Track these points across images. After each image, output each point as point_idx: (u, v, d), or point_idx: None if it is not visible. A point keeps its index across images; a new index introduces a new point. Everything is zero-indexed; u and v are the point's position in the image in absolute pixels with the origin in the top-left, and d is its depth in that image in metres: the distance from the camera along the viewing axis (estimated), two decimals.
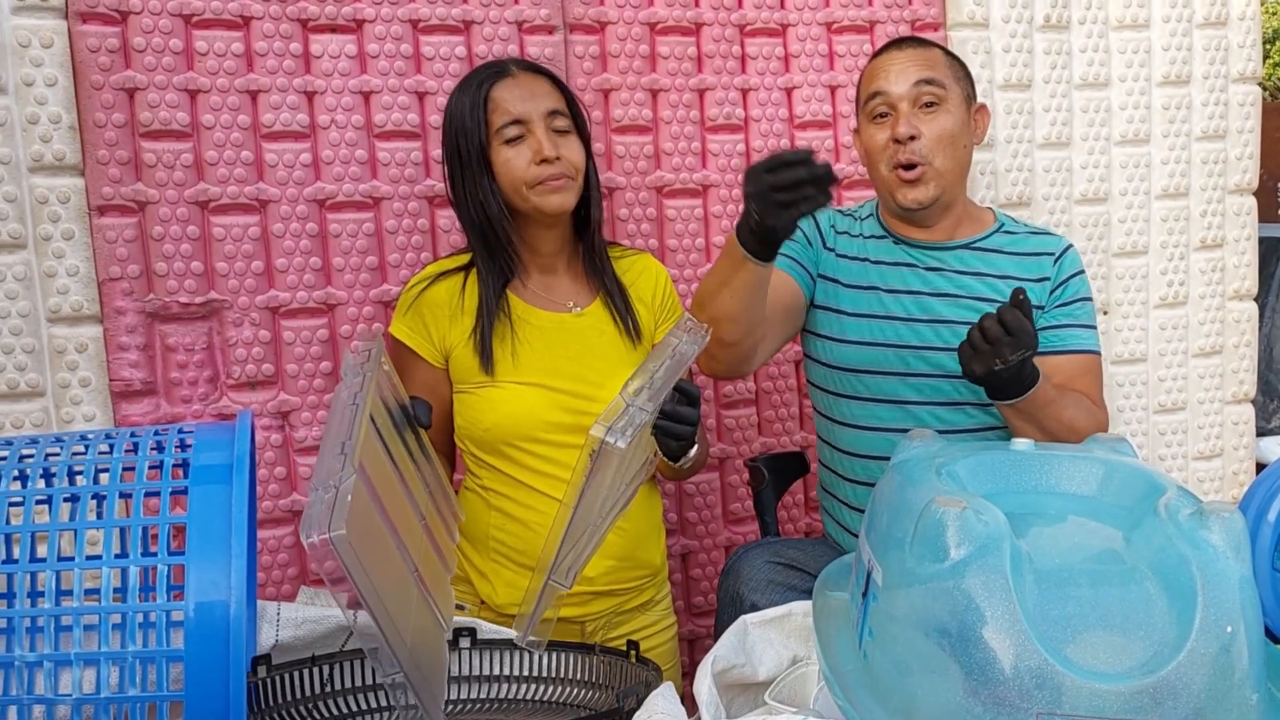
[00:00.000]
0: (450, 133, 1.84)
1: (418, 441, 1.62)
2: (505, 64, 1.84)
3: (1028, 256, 1.97)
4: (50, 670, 1.19)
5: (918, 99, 1.88)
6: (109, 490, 1.24)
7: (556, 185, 1.80)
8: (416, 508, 1.50)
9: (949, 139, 1.89)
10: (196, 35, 1.96)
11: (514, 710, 1.59)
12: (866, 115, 1.93)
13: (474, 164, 1.80)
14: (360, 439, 1.26)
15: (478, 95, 1.80)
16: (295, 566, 2.09)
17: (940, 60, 1.93)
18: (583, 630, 1.86)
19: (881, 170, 1.92)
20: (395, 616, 1.23)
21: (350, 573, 1.13)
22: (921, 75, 1.89)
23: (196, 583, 1.17)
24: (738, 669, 1.44)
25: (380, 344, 1.48)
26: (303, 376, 2.07)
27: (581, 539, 1.44)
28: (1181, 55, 2.60)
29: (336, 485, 1.15)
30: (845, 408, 1.97)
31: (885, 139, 1.90)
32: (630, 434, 1.35)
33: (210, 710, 1.17)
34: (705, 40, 2.31)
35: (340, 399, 1.36)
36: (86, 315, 1.93)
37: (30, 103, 1.87)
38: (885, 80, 1.90)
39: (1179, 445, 2.70)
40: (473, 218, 1.84)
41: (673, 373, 1.53)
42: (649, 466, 1.71)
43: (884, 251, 1.99)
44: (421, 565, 1.43)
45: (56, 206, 1.89)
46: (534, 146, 1.78)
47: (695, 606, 2.39)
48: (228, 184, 2.00)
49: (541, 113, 1.80)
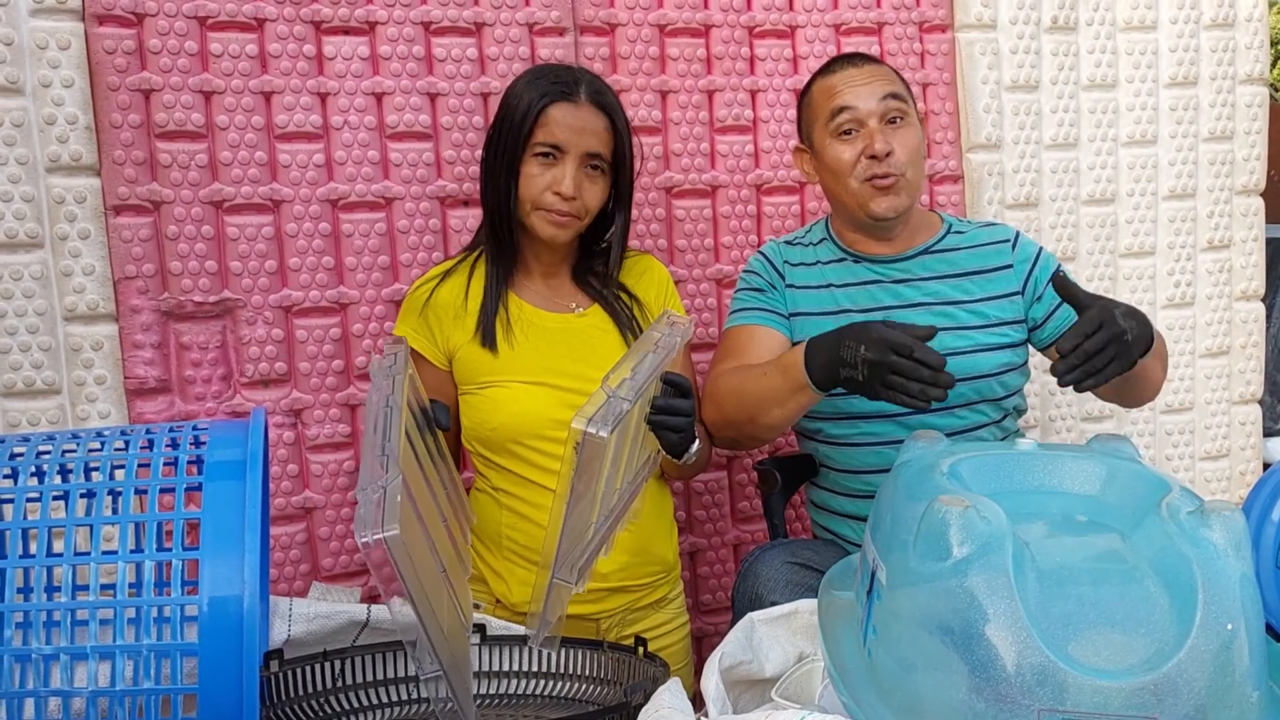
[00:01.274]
0: (499, 119, 1.86)
1: (435, 443, 1.64)
2: (577, 84, 1.83)
3: (984, 248, 2.00)
4: (66, 663, 1.20)
5: (885, 114, 1.89)
6: (125, 486, 1.26)
7: (559, 220, 1.83)
8: (439, 509, 1.52)
9: (916, 152, 1.92)
10: (211, 37, 1.98)
11: (523, 705, 1.61)
12: (830, 132, 1.92)
13: (506, 160, 1.83)
14: (401, 442, 1.30)
15: (536, 103, 1.80)
16: (308, 563, 2.11)
17: (895, 76, 1.95)
18: (598, 627, 1.87)
19: (852, 184, 1.91)
20: (434, 615, 1.26)
21: (401, 572, 1.17)
22: (887, 90, 1.90)
23: (211, 578, 1.19)
24: (744, 666, 1.46)
25: (406, 347, 1.51)
26: (315, 375, 2.09)
27: (586, 535, 1.45)
28: (1189, 56, 2.61)
29: (384, 486, 1.20)
30: (834, 428, 1.97)
31: (855, 154, 1.90)
32: (611, 423, 1.35)
33: (223, 704, 1.19)
34: (714, 42, 2.32)
35: (373, 402, 1.38)
36: (102, 314, 1.95)
37: (47, 104, 1.89)
38: (852, 96, 1.90)
39: (1186, 445, 2.70)
40: (489, 203, 1.88)
41: (656, 365, 1.54)
42: (652, 464, 1.72)
43: (846, 273, 1.99)
44: (447, 565, 1.45)
45: (73, 206, 1.91)
46: (557, 177, 1.81)
47: (704, 605, 2.40)
48: (242, 184, 2.02)
49: (581, 151, 1.82)
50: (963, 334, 1.93)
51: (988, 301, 1.96)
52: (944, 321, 1.90)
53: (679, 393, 1.67)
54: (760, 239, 2.36)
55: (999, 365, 1.93)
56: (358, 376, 2.12)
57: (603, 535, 1.49)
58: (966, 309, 1.95)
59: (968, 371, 1.89)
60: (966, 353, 1.91)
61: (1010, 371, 1.95)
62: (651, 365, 1.53)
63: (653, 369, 1.53)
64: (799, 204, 2.40)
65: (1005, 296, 1.97)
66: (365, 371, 2.12)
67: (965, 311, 1.95)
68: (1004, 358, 1.94)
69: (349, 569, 2.14)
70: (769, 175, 2.37)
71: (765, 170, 2.37)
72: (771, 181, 2.38)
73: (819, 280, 2.00)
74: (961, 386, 1.86)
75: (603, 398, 1.40)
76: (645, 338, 1.60)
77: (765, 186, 2.38)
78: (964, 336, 1.93)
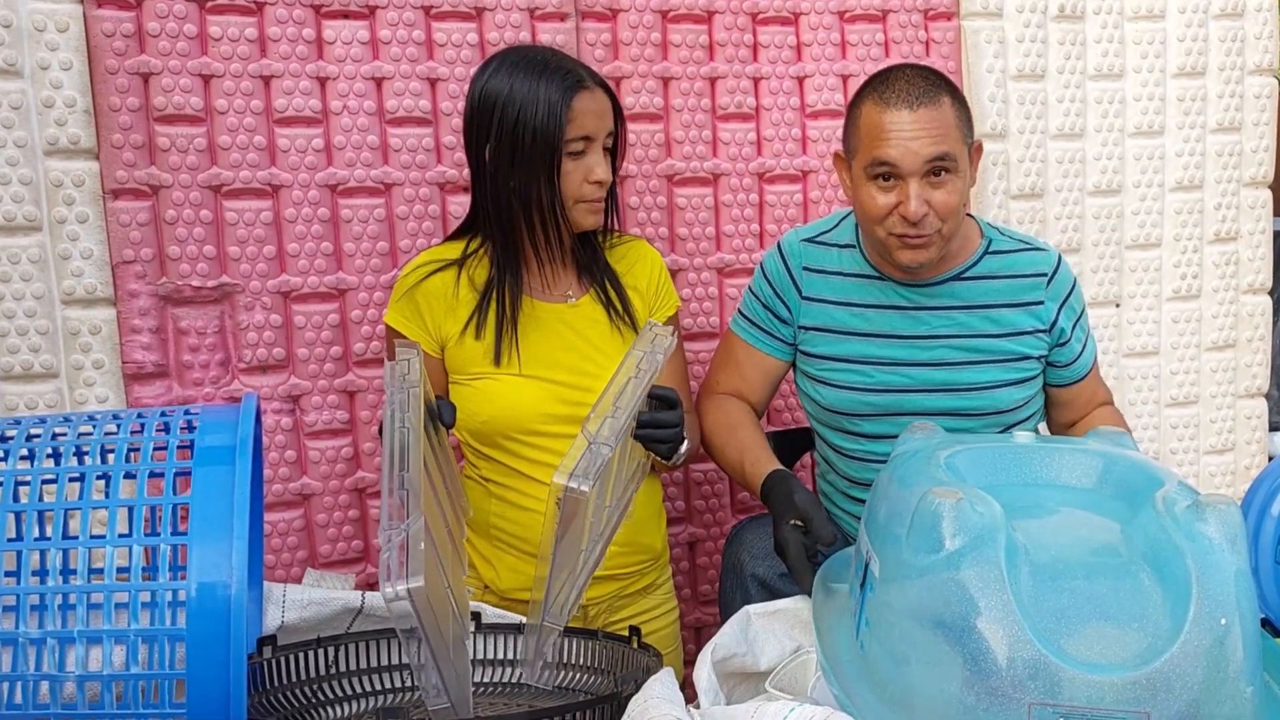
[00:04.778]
0: (509, 119, 1.78)
1: (438, 439, 1.64)
2: (580, 72, 1.81)
3: (1019, 279, 1.89)
4: (55, 647, 1.20)
5: (928, 172, 1.75)
6: (114, 470, 1.26)
7: (597, 207, 1.84)
8: (441, 508, 1.52)
9: (956, 210, 1.79)
10: (210, 20, 1.98)
11: (517, 694, 1.61)
12: (867, 174, 1.78)
13: (538, 162, 1.78)
14: (419, 471, 1.30)
15: (560, 100, 1.77)
16: (304, 550, 2.11)
17: (951, 124, 1.77)
18: (585, 614, 1.87)
19: (879, 232, 1.80)
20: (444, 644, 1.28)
21: (421, 620, 1.19)
22: (935, 151, 1.74)
23: (199, 563, 1.19)
24: (739, 658, 1.45)
25: (419, 354, 1.50)
26: (313, 361, 2.08)
27: (578, 564, 1.45)
28: (1197, 47, 2.59)
29: (407, 530, 1.21)
30: (838, 440, 1.95)
31: (889, 205, 1.77)
32: (594, 477, 1.33)
33: (212, 689, 1.19)
34: (717, 28, 2.30)
35: (389, 417, 1.38)
36: (100, 298, 1.94)
37: (46, 86, 1.88)
38: (897, 151, 1.74)
39: (1190, 439, 2.69)
40: (511, 208, 1.82)
41: (639, 392, 1.53)
42: (643, 470, 1.73)
43: (869, 294, 1.90)
44: (448, 566, 1.45)
45: (71, 190, 1.91)
46: (589, 166, 1.80)
47: (702, 595, 2.40)
48: (240, 169, 2.01)
49: (604, 134, 1.82)
50: (983, 369, 1.86)
51: (1015, 337, 1.88)
52: (964, 356, 1.86)
53: (665, 405, 1.68)
54: (762, 227, 2.35)
55: (1015, 401, 1.88)
56: (356, 363, 2.11)
57: (595, 559, 1.49)
58: (991, 341, 1.87)
59: (986, 408, 1.86)
60: (986, 389, 1.86)
61: (1025, 405, 1.91)
62: (634, 393, 1.52)
63: (635, 398, 1.51)
64: (801, 192, 2.39)
65: (1032, 333, 1.89)
66: (364, 358, 2.11)
67: (990, 345, 1.87)
68: (1022, 394, 1.89)
69: (346, 556, 2.14)
70: (771, 163, 2.36)
71: (768, 158, 2.36)
72: (774, 170, 2.36)
73: (838, 296, 1.92)
74: (977, 422, 1.86)
75: (584, 445, 1.37)
76: (628, 360, 1.58)
77: (767, 175, 2.36)
78: (984, 372, 1.86)
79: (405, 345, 1.51)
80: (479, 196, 1.87)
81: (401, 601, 1.17)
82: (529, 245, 1.85)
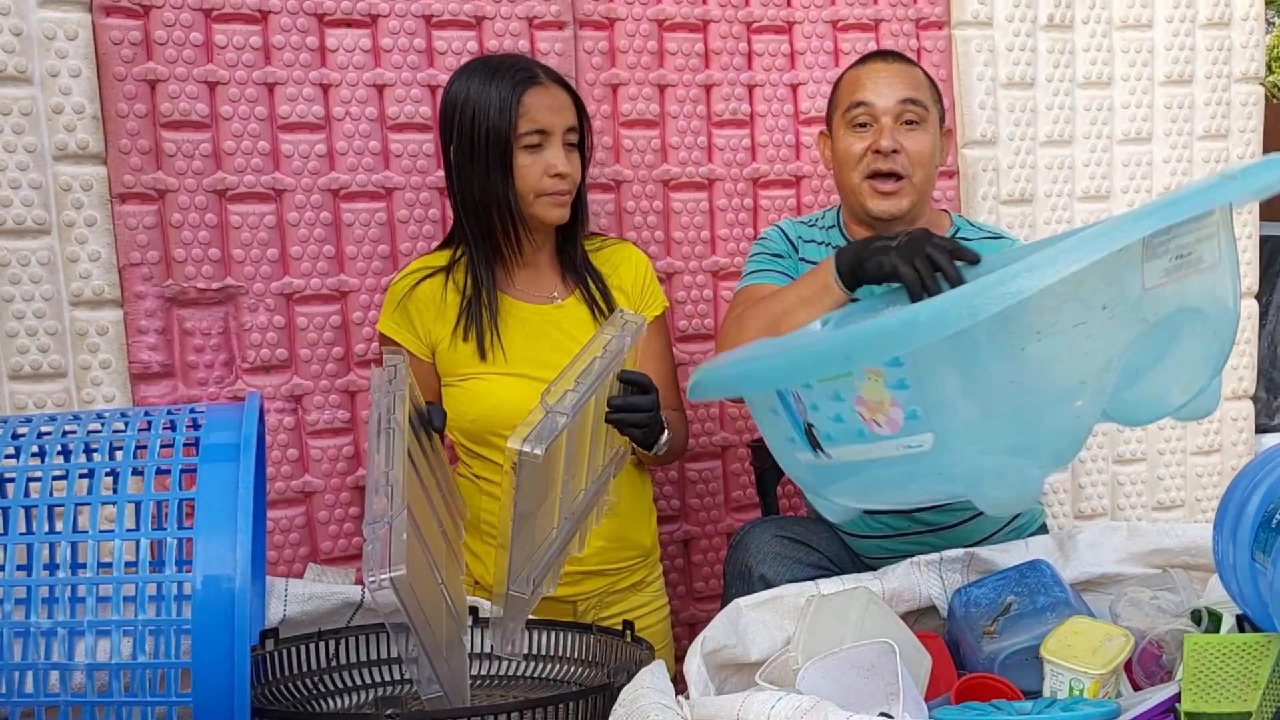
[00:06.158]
0: (466, 120, 1.84)
1: (430, 442, 1.67)
2: (533, 69, 1.87)
3: None
4: (65, 638, 1.24)
5: (900, 115, 1.89)
6: (123, 466, 1.30)
7: (560, 200, 1.87)
8: (434, 510, 1.56)
9: (927, 157, 1.91)
10: (216, 29, 2.02)
11: (512, 686, 1.65)
12: (846, 123, 1.93)
13: (492, 158, 1.84)
14: (403, 468, 1.33)
15: (510, 96, 1.82)
16: (306, 545, 2.15)
17: (922, 81, 1.94)
18: (575, 609, 1.91)
19: (853, 178, 1.92)
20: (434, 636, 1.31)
21: (406, 609, 1.22)
22: (907, 93, 1.90)
23: (204, 556, 1.23)
24: (729, 650, 1.47)
25: (405, 360, 1.54)
26: (315, 361, 2.13)
27: (545, 542, 1.47)
28: (1184, 55, 2.62)
29: (389, 522, 1.24)
30: None
31: (864, 148, 1.90)
32: (546, 441, 1.35)
33: (216, 678, 1.22)
34: (712, 37, 2.35)
35: (375, 419, 1.42)
36: (107, 299, 1.98)
37: (55, 93, 1.92)
38: (871, 92, 1.90)
39: (1178, 440, 2.72)
40: (476, 206, 1.88)
41: (603, 370, 1.55)
42: (620, 459, 1.76)
43: None
44: (443, 568, 1.48)
45: (79, 194, 1.95)
46: (549, 160, 1.84)
47: (697, 591, 2.43)
48: (245, 173, 2.05)
49: (562, 128, 1.86)
50: None
51: None
52: None
53: (638, 390, 1.71)
54: (756, 231, 2.39)
55: None
56: (357, 363, 2.16)
57: (565, 537, 1.50)
58: None
59: None
60: None
61: None
62: (599, 370, 1.54)
63: (599, 375, 1.54)
64: (795, 197, 2.43)
65: None
66: (365, 359, 2.15)
67: None
68: None
69: (347, 552, 2.18)
70: (765, 169, 2.40)
71: (762, 164, 2.40)
72: (768, 175, 2.41)
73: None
74: None
75: (540, 414, 1.40)
76: (594, 340, 1.62)
77: (762, 180, 2.41)
78: None
79: (392, 352, 1.55)
80: (451, 199, 1.93)
81: (385, 590, 1.19)
82: (502, 243, 1.89)
